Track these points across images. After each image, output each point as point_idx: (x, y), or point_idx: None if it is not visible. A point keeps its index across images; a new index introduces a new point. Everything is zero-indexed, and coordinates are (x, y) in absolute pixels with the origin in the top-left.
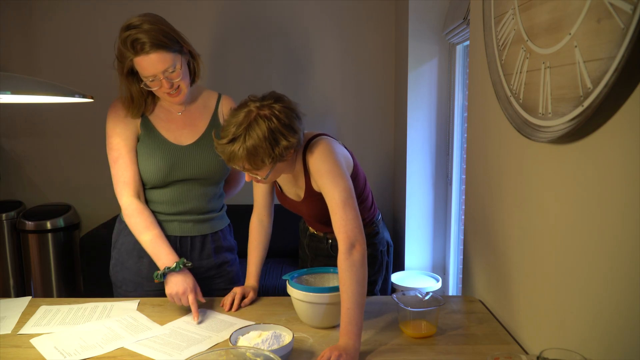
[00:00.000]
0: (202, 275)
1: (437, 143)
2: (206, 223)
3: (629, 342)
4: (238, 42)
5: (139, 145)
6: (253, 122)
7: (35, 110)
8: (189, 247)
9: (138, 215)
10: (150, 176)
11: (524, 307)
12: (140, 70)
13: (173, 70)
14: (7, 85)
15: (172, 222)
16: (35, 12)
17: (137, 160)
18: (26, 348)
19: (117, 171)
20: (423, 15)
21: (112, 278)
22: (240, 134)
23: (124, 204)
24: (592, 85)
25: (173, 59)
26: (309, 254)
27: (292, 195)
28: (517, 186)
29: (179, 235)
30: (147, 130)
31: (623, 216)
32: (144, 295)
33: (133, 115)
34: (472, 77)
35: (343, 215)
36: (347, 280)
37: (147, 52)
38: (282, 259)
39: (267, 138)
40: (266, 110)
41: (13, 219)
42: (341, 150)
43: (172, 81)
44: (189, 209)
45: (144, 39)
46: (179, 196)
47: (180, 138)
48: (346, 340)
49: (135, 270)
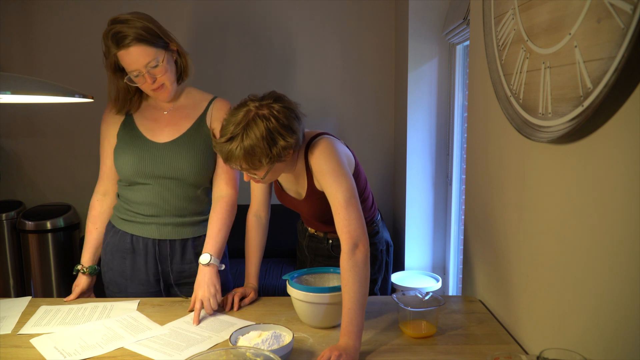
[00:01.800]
0: (184, 281)
1: (437, 143)
2: (187, 227)
3: (628, 342)
4: (238, 43)
5: (117, 140)
6: (251, 121)
7: (35, 110)
8: (168, 250)
9: (90, 211)
10: (122, 170)
11: (524, 307)
12: (124, 66)
13: (156, 65)
14: (7, 85)
15: (149, 225)
16: (35, 12)
17: (113, 157)
18: (26, 348)
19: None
20: (423, 15)
21: (103, 279)
22: (238, 133)
23: (92, 199)
24: (592, 85)
25: (155, 54)
26: (309, 255)
27: (292, 193)
28: (517, 186)
29: (158, 238)
30: (126, 127)
31: (623, 216)
32: (128, 296)
33: (118, 111)
34: (472, 77)
35: (346, 215)
36: (349, 280)
37: (127, 46)
38: (281, 259)
39: (265, 138)
40: (265, 110)
41: (13, 219)
42: (343, 149)
43: (155, 77)
44: (166, 211)
45: (126, 33)
46: (156, 196)
47: (159, 136)
48: (346, 340)
49: (119, 271)
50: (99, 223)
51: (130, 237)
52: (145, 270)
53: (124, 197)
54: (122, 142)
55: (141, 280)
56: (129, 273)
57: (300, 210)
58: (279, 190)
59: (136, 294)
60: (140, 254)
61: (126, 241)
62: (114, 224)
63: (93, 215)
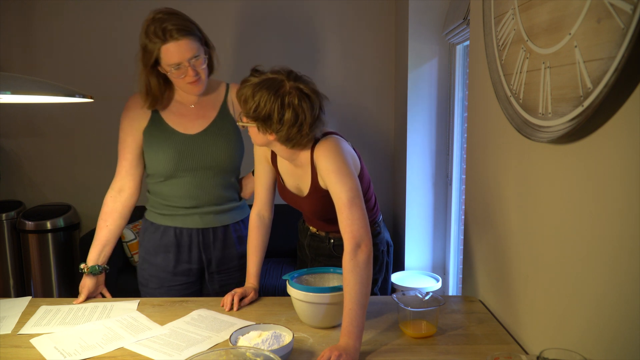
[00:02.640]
0: (225, 267)
1: (437, 143)
2: (226, 213)
3: (628, 342)
4: (237, 43)
5: (146, 138)
6: (285, 91)
7: (35, 110)
8: (211, 238)
9: (102, 207)
10: (161, 167)
11: (524, 307)
12: (167, 58)
13: (197, 57)
14: (7, 85)
15: (192, 216)
16: (35, 12)
17: (136, 156)
18: (26, 348)
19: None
20: (423, 15)
21: (138, 277)
22: (265, 81)
23: (106, 195)
24: (592, 85)
25: (198, 47)
26: (309, 254)
27: (294, 189)
28: (517, 186)
29: (201, 227)
30: (154, 123)
31: (623, 216)
32: (168, 290)
33: (149, 107)
34: (472, 77)
35: (349, 215)
36: (351, 280)
37: (176, 39)
38: (282, 258)
39: (278, 99)
40: (300, 94)
41: (13, 219)
42: (350, 150)
43: (196, 69)
44: (206, 201)
45: (171, 26)
46: (194, 188)
47: (190, 129)
48: (347, 340)
49: (162, 265)
50: (110, 220)
51: (174, 230)
52: (189, 260)
53: (159, 193)
54: (154, 140)
55: (184, 271)
56: (172, 265)
57: (301, 207)
58: (281, 186)
59: (175, 287)
60: (185, 245)
61: (169, 235)
62: (152, 220)
63: (105, 212)
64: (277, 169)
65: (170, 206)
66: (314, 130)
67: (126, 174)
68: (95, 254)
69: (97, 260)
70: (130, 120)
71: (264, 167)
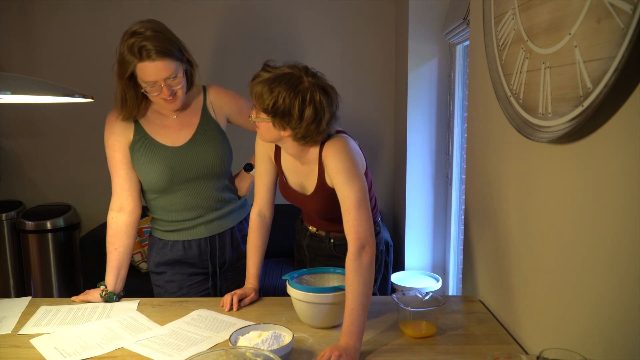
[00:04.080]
0: (234, 266)
1: (437, 143)
2: (229, 216)
3: (628, 342)
4: (237, 43)
5: (135, 155)
6: (304, 87)
7: (35, 110)
8: (217, 243)
9: (107, 230)
10: (154, 183)
11: (524, 307)
12: (143, 76)
13: (175, 77)
14: (7, 85)
15: (198, 227)
16: (35, 12)
17: (129, 171)
18: (26, 348)
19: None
20: (423, 15)
21: (154, 285)
22: (282, 76)
23: (108, 216)
24: (592, 85)
25: (176, 67)
26: (308, 255)
27: (298, 188)
28: (517, 186)
29: (207, 236)
30: (140, 138)
31: (623, 216)
32: (186, 290)
33: (124, 118)
34: (472, 77)
35: (356, 216)
36: (354, 281)
37: (152, 59)
38: (282, 258)
39: (299, 95)
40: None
41: (13, 219)
42: (357, 149)
43: (172, 88)
44: (207, 207)
45: (150, 46)
46: (192, 198)
47: (176, 140)
48: (347, 340)
49: (176, 272)
50: (118, 243)
51: (182, 244)
52: (200, 266)
53: (160, 208)
54: (142, 156)
55: (197, 273)
56: (186, 273)
57: (304, 206)
58: (283, 184)
59: (194, 285)
60: (194, 256)
61: (178, 248)
62: (159, 237)
63: (110, 235)
64: (280, 166)
65: (174, 222)
66: (330, 127)
67: (122, 190)
68: (112, 278)
69: (115, 284)
70: (116, 136)
71: (266, 166)
